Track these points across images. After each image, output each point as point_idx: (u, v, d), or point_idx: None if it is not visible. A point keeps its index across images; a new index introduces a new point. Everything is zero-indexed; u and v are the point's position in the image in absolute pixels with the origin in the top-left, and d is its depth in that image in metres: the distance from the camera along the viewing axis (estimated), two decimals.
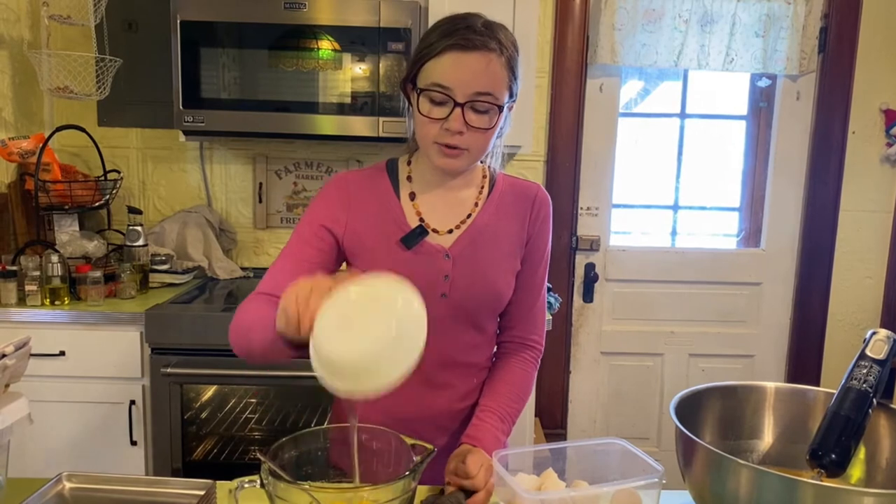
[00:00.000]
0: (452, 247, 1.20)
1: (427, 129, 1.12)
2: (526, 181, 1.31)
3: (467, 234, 1.21)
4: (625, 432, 2.82)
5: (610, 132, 2.70)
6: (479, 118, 1.11)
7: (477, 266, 1.20)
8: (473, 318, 1.23)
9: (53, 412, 2.06)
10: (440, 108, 1.10)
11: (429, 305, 1.15)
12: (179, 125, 2.20)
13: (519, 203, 1.26)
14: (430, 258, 1.19)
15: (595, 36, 2.57)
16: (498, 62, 1.11)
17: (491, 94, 1.10)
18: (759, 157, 2.80)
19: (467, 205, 1.24)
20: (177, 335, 2.02)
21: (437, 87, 1.09)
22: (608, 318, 2.76)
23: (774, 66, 2.59)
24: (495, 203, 1.24)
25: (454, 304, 1.19)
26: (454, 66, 1.09)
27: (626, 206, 2.82)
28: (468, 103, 1.09)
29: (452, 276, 1.18)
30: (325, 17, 2.17)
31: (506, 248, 1.23)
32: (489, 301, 1.23)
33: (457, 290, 1.19)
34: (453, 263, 1.19)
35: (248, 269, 2.59)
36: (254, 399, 2.33)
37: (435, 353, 1.15)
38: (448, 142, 1.11)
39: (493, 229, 1.23)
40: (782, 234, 2.75)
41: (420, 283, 1.13)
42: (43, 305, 2.06)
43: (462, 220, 1.22)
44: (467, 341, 1.24)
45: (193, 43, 2.18)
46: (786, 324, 2.79)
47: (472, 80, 1.08)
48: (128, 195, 2.60)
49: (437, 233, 1.21)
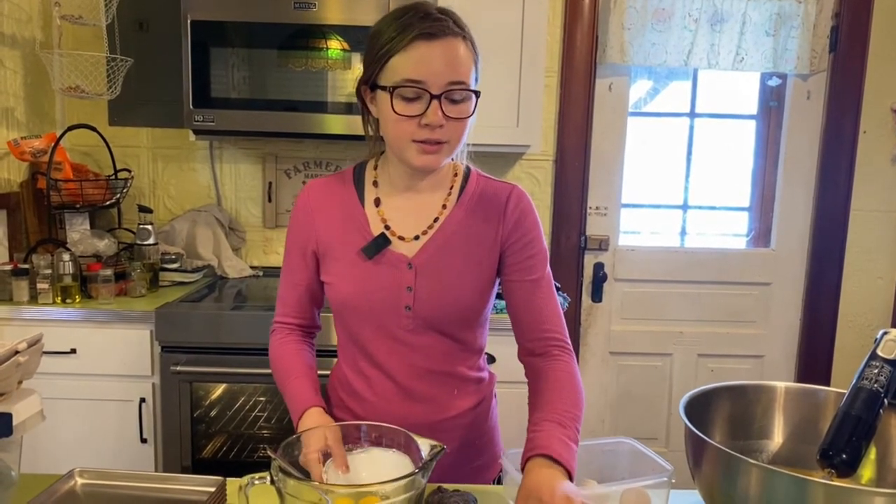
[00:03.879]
0: (416, 256, 1.13)
1: (402, 127, 1.06)
2: (501, 182, 1.20)
3: (433, 241, 1.14)
4: (633, 432, 2.81)
5: (619, 131, 2.69)
6: (456, 108, 1.06)
7: (442, 276, 1.13)
8: (443, 329, 1.15)
9: (64, 409, 2.08)
10: (415, 104, 1.04)
11: (393, 318, 1.15)
12: (190, 124, 2.22)
13: (490, 205, 1.16)
14: (392, 268, 1.12)
15: (604, 35, 2.57)
16: (464, 46, 1.07)
17: (464, 81, 1.06)
18: (769, 157, 2.78)
19: (434, 208, 1.16)
20: (187, 333, 2.03)
21: (409, 82, 1.03)
22: (617, 317, 2.76)
23: (785, 65, 2.58)
24: (465, 205, 1.16)
25: (419, 316, 1.13)
26: (424, 57, 1.03)
27: (636, 205, 2.81)
28: (444, 94, 1.04)
29: (416, 287, 1.12)
30: (335, 17, 2.18)
31: (476, 255, 1.14)
32: (456, 313, 1.15)
33: (421, 302, 1.12)
34: (416, 274, 1.12)
35: (257, 267, 2.60)
36: (263, 397, 2.34)
37: (406, 364, 1.16)
38: (428, 137, 1.05)
39: (463, 235, 1.14)
40: (792, 235, 2.74)
41: (382, 295, 1.13)
42: (54, 303, 2.07)
43: (429, 225, 1.15)
44: (441, 350, 1.16)
45: (204, 43, 2.19)
46: (795, 324, 2.77)
47: (444, 69, 1.03)
48: (138, 194, 2.61)
49: (402, 240, 1.14)
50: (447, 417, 1.18)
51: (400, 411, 1.15)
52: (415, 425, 1.10)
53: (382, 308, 1.13)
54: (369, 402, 1.18)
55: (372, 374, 1.17)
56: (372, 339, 1.16)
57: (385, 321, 1.14)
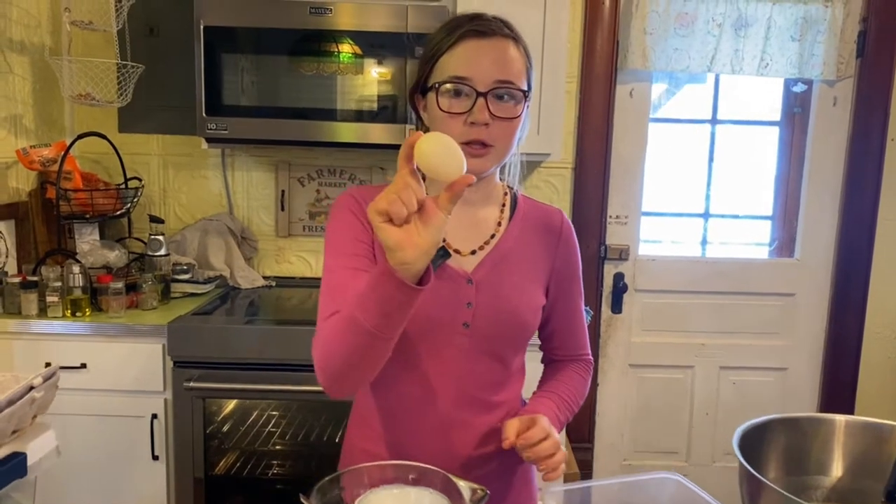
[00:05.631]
0: (475, 271, 1.09)
1: (448, 126, 1.02)
2: (547, 206, 1.22)
3: (491, 258, 1.11)
4: (653, 446, 2.75)
5: (640, 138, 2.63)
6: (503, 107, 1.03)
7: (501, 292, 1.09)
8: (497, 350, 1.11)
9: (74, 425, 2.02)
10: (461, 101, 1.02)
11: (450, 337, 1.08)
12: (203, 133, 2.16)
13: (543, 230, 1.17)
14: (452, 284, 1.07)
15: (625, 40, 2.50)
16: (515, 48, 1.05)
17: (512, 82, 1.03)
18: (792, 165, 2.72)
19: (489, 224, 1.14)
20: (199, 348, 1.98)
21: (455, 79, 1.02)
22: (637, 329, 2.69)
23: (811, 70, 2.51)
24: (519, 225, 1.15)
25: (477, 334, 1.08)
26: (471, 54, 1.02)
27: (656, 213, 2.75)
28: (491, 91, 1.01)
29: (476, 303, 1.08)
30: (352, 23, 2.12)
31: (530, 274, 1.14)
32: (514, 331, 1.12)
33: (480, 319, 1.08)
34: (476, 289, 1.08)
35: (270, 277, 2.55)
36: (276, 412, 2.28)
37: (454, 389, 1.10)
38: (474, 137, 1.01)
39: (518, 253, 1.13)
40: (817, 244, 2.67)
41: (441, 313, 1.07)
42: (64, 317, 2.02)
43: (485, 240, 1.12)
44: (490, 377, 1.12)
45: (216, 49, 2.13)
46: (820, 336, 2.71)
47: (491, 67, 1.02)
48: (148, 203, 2.56)
49: (458, 254, 1.11)
50: (487, 452, 1.12)
51: (439, 441, 1.10)
52: (453, 458, 1.09)
53: (440, 324, 1.07)
54: (406, 429, 1.11)
55: (414, 399, 1.10)
56: (422, 360, 1.09)
57: (440, 339, 1.08)
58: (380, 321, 0.87)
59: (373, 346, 0.89)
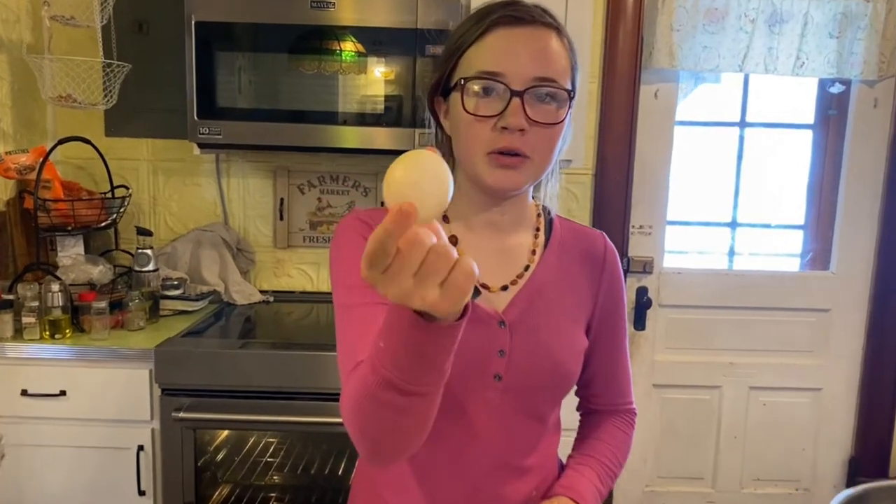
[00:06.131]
0: (508, 310, 0.91)
1: (474, 133, 0.85)
2: (587, 228, 1.04)
3: (526, 294, 0.93)
4: (677, 472, 2.57)
5: (665, 143, 2.45)
6: (542, 110, 0.84)
7: (539, 336, 0.92)
8: (534, 406, 0.93)
9: (53, 458, 1.85)
10: (491, 103, 0.84)
11: (478, 392, 0.89)
12: (194, 138, 1.98)
13: (584, 258, 0.99)
14: (481, 327, 0.88)
15: (651, 37, 2.33)
16: (557, 40, 0.86)
17: (555, 80, 0.84)
18: (827, 170, 2.54)
19: (522, 253, 0.96)
20: (189, 374, 1.80)
21: (485, 74, 0.84)
22: (661, 347, 2.52)
23: (850, 70, 2.33)
24: (556, 253, 0.97)
25: (511, 388, 0.90)
26: (505, 45, 0.84)
27: (680, 223, 2.57)
28: (528, 91, 0.83)
29: (510, 350, 0.89)
30: (357, 18, 1.94)
31: (571, 312, 0.96)
32: (555, 382, 0.94)
33: (515, 369, 0.90)
34: (511, 333, 0.90)
35: (267, 292, 2.37)
36: (273, 439, 2.11)
37: (480, 455, 0.90)
38: (506, 145, 0.84)
39: (557, 287, 0.95)
40: (855, 256, 2.49)
41: (469, 363, 0.85)
42: (42, 339, 1.85)
43: (518, 273, 0.94)
44: (524, 438, 0.94)
45: (210, 46, 1.96)
46: (857, 355, 2.53)
47: (529, 61, 0.83)
48: (137, 211, 2.38)
49: (486, 290, 0.92)
50: None
51: None
52: None
53: (466, 378, 0.87)
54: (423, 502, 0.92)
55: (433, 466, 0.91)
56: (442, 420, 0.86)
57: (465, 396, 0.89)
58: (411, 374, 0.65)
59: (409, 405, 0.68)
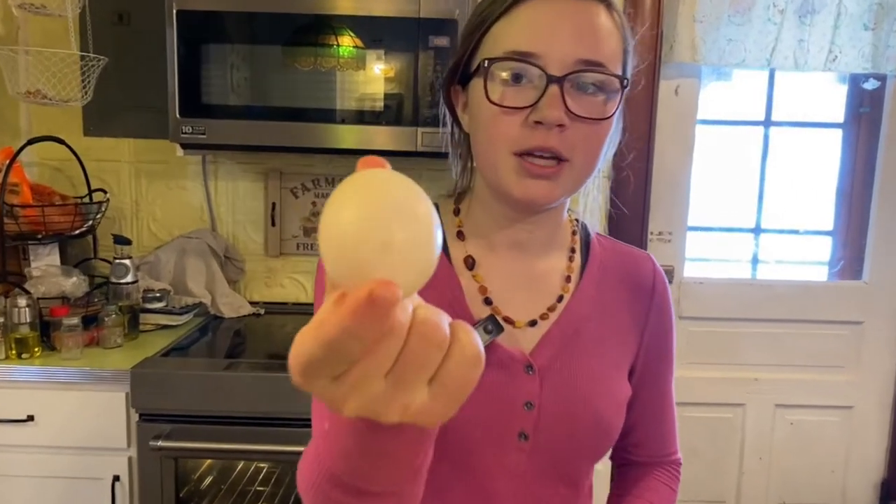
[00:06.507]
0: (537, 351, 0.74)
1: (499, 129, 0.67)
2: (630, 248, 0.86)
3: (559, 331, 0.76)
4: (699, 495, 2.41)
5: (686, 143, 2.28)
6: (587, 101, 0.66)
7: (576, 383, 0.74)
8: (566, 470, 0.76)
9: (20, 489, 1.69)
10: (522, 92, 0.66)
11: (500, 453, 0.71)
12: (176, 137, 1.82)
13: (629, 286, 0.82)
14: (504, 372, 0.72)
15: (671, 29, 2.16)
16: (608, 17, 0.68)
17: (603, 65, 0.66)
18: (858, 172, 2.37)
19: (554, 281, 0.78)
20: (169, 398, 1.63)
21: (515, 55, 0.65)
22: (682, 362, 2.34)
23: (886, 64, 2.16)
24: (595, 279, 0.80)
25: (540, 448, 0.73)
26: (542, 18, 0.66)
27: (701, 228, 2.40)
28: (570, 77, 0.65)
29: (539, 402, 0.72)
30: (354, 7, 1.78)
31: (613, 354, 0.79)
32: (592, 440, 0.76)
33: (546, 426, 0.73)
34: (540, 380, 0.73)
35: (258, 304, 2.20)
36: (263, 465, 1.94)
37: None
38: (539, 144, 0.66)
39: (597, 324, 0.78)
40: (889, 264, 2.33)
41: (489, 417, 0.69)
42: (7, 359, 1.68)
43: (549, 305, 0.77)
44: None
45: (193, 38, 1.79)
46: (891, 370, 2.37)
47: (571, 39, 0.65)
48: (118, 216, 2.21)
49: (511, 325, 0.75)
50: None
51: None
52: None
53: (486, 435, 0.70)
54: None
55: None
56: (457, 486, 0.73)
57: (485, 457, 0.72)
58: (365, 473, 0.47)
59: None
